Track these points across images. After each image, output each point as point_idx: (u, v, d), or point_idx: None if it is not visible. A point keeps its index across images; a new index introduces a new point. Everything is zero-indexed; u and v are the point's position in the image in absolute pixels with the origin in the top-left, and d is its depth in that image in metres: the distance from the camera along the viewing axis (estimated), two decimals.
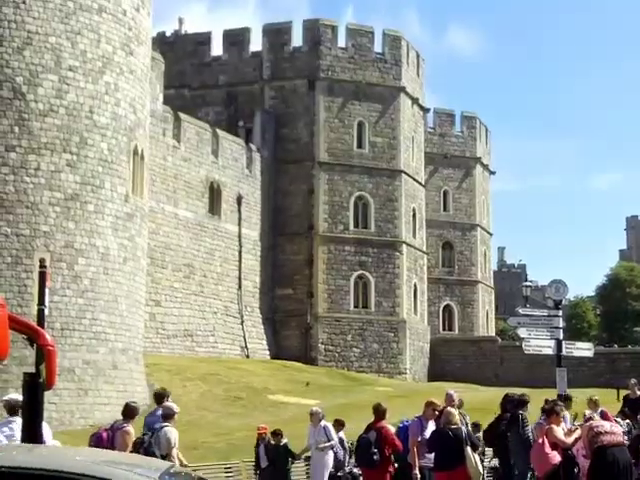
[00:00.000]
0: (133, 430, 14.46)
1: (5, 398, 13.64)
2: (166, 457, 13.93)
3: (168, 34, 64.94)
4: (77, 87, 36.00)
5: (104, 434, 14.37)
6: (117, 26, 37.72)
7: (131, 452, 13.74)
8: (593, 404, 20.26)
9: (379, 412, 16.46)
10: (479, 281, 76.82)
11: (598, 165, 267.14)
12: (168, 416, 14.97)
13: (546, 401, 18.38)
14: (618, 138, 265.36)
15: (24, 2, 35.10)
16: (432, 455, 14.90)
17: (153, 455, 13.70)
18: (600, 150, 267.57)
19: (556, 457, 14.03)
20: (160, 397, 16.34)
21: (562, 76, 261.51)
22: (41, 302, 13.87)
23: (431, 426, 15.64)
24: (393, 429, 16.82)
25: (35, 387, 8.48)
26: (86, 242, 35.85)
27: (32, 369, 8.75)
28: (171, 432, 14.64)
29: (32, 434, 8.64)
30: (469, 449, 14.32)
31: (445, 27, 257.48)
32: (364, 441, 16.32)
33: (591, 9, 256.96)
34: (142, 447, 14.43)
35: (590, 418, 14.61)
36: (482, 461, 15.97)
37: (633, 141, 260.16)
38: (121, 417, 14.72)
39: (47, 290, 13.78)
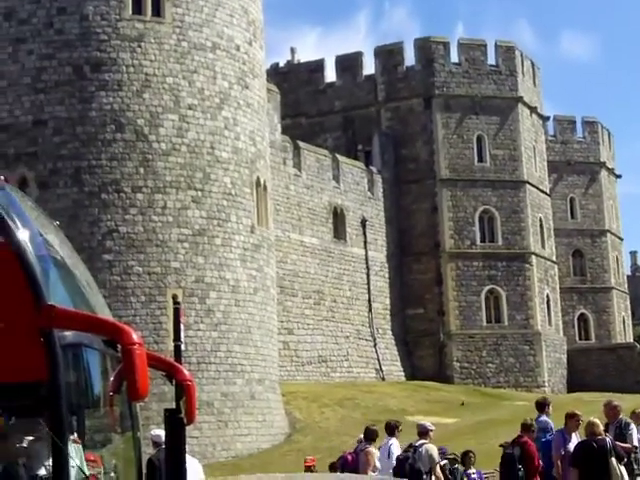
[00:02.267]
0: (375, 450, 15.32)
1: (151, 434, 13.89)
2: (429, 473, 14.20)
3: (282, 65, 65.65)
4: (197, 124, 36.64)
5: (349, 456, 15.11)
6: (231, 61, 38.31)
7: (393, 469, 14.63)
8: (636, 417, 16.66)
9: (525, 426, 16.19)
10: (613, 287, 75.27)
11: None
12: (423, 433, 15.42)
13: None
14: None
15: (140, 46, 35.95)
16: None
17: (418, 471, 14.43)
18: None
19: None
20: (541, 406, 17.36)
21: None
22: (177, 338, 14.10)
23: (574, 439, 15.29)
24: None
25: (177, 423, 8.58)
26: (216, 275, 36.35)
27: (172, 405, 8.87)
28: (432, 449, 15.10)
29: (177, 470, 8.75)
30: (614, 460, 13.94)
31: (558, 33, 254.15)
32: (508, 457, 16.07)
33: None
34: (407, 463, 14.93)
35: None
36: (634, 471, 15.44)
37: None
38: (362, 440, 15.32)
39: (182, 326, 14.00)
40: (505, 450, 16.56)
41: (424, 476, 14.72)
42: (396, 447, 16.67)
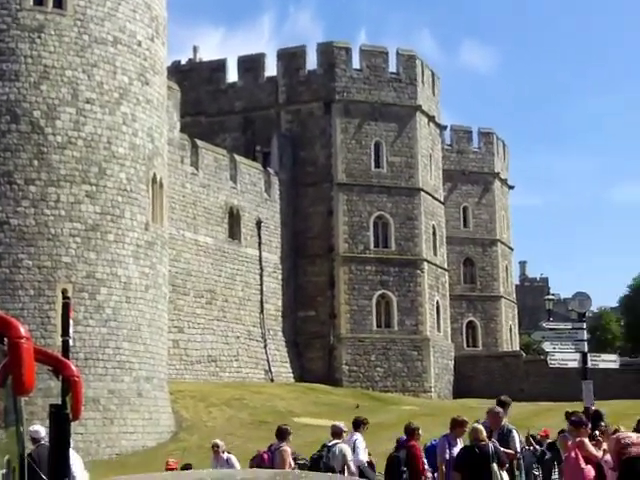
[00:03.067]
0: (289, 449, 15.86)
1: (30, 429, 13.75)
2: (342, 471, 15.26)
3: (183, 62, 65.34)
4: (94, 119, 36.30)
5: (265, 455, 15.94)
6: (132, 57, 38.03)
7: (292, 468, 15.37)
8: None
9: (409, 430, 16.48)
10: (501, 296, 76.68)
11: (619, 178, 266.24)
12: (337, 434, 16.36)
13: (567, 414, 18.31)
14: (638, 149, 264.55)
15: (39, 37, 35.50)
16: None
17: (332, 469, 15.22)
18: (621, 163, 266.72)
19: (591, 471, 13.97)
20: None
21: (580, 90, 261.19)
22: (65, 333, 14.02)
23: (459, 444, 15.59)
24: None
25: (62, 418, 8.55)
26: (108, 272, 36.05)
27: (58, 400, 8.82)
28: (346, 449, 15.88)
29: (60, 466, 8.71)
30: (495, 466, 14.24)
31: (459, 44, 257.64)
32: (394, 460, 16.34)
33: (609, 25, 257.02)
34: (321, 462, 15.91)
35: (617, 430, 14.55)
36: (515, 478, 15.80)
37: None
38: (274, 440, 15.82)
39: (71, 321, 13.92)
40: (392, 453, 16.85)
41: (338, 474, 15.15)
42: (361, 442, 17.30)
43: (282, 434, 16.15)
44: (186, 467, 19.20)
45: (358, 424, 17.48)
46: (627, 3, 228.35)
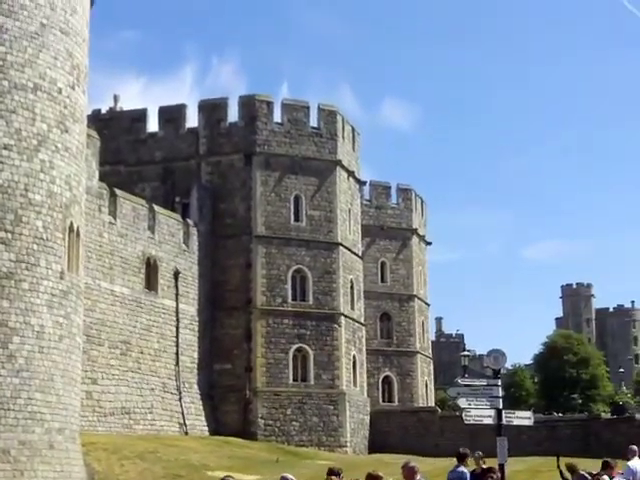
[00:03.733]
0: None
1: None
2: None
3: (104, 111, 65.05)
4: (12, 165, 35.81)
5: None
6: (52, 104, 37.70)
7: None
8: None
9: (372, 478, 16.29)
10: (418, 351, 77.12)
11: (533, 235, 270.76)
12: None
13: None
14: (553, 207, 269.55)
15: None
16: None
17: None
18: (535, 220, 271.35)
19: None
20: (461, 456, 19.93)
21: (498, 147, 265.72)
22: None
23: None
24: None
25: None
26: (21, 320, 35.39)
27: None
28: None
29: None
30: None
31: (379, 101, 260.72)
32: None
33: (527, 78, 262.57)
34: None
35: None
36: None
37: (568, 211, 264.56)
38: None
39: None
40: None
41: None
42: None
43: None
44: None
45: (336, 473, 17.03)
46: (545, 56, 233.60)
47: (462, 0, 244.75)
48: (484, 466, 20.55)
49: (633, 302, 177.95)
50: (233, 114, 62.65)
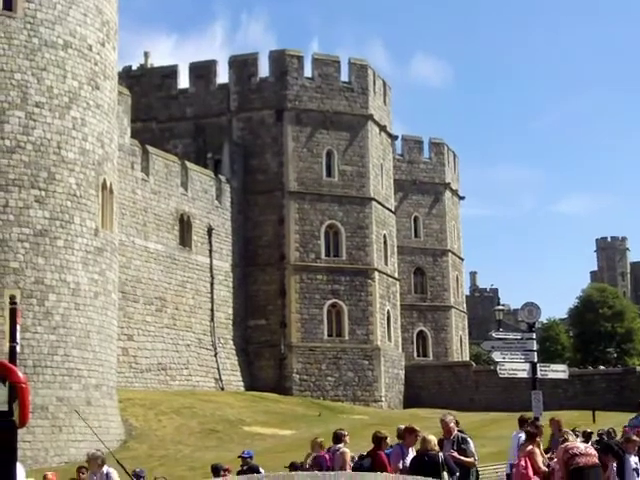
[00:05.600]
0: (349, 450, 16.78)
1: None
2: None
3: (134, 68, 64.92)
4: (44, 123, 35.89)
5: (326, 456, 16.64)
6: (83, 61, 37.67)
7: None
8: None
9: (377, 439, 16.31)
10: (452, 306, 76.94)
11: (566, 190, 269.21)
12: (340, 438, 16.89)
13: (522, 420, 18.31)
14: (585, 162, 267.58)
15: None
16: None
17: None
18: (568, 175, 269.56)
19: None
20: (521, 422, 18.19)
21: (531, 101, 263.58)
22: (12, 339, 13.71)
23: (412, 453, 15.51)
24: None
25: (8, 425, 8.37)
26: (56, 278, 35.63)
27: (4, 407, 8.64)
28: (347, 452, 16.59)
29: (7, 473, 8.52)
30: (446, 475, 14.23)
31: (411, 56, 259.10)
32: (357, 468, 16.21)
33: (560, 33, 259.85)
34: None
35: (565, 439, 14.52)
36: None
37: (600, 165, 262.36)
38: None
39: (18, 327, 13.64)
40: (356, 461, 16.75)
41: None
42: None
43: (338, 438, 16.78)
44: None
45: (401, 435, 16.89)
46: (575, 17, 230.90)
47: None
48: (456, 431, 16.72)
49: None
50: (263, 70, 62.36)
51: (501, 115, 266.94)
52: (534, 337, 23.23)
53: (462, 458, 15.01)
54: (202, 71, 63.00)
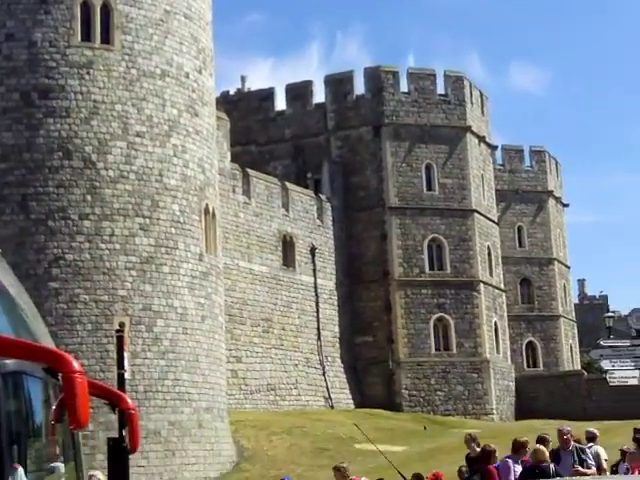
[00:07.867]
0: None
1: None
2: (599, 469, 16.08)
3: (232, 93, 65.70)
4: (145, 152, 36.54)
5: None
6: (181, 89, 38.28)
7: None
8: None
9: (485, 453, 16.08)
10: (560, 315, 75.87)
11: None
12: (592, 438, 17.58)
13: (635, 430, 18.00)
14: None
15: (88, 73, 35.84)
16: None
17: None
18: None
19: None
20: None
21: (631, 108, 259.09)
22: (120, 366, 13.99)
23: (519, 466, 15.35)
24: None
25: (120, 451, 8.52)
26: (164, 303, 36.16)
27: (116, 434, 8.81)
28: (601, 450, 16.90)
29: None
30: None
31: (507, 65, 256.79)
32: None
33: None
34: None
35: None
36: None
37: None
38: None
39: (126, 354, 13.93)
40: (465, 475, 16.60)
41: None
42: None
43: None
44: None
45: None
46: None
47: None
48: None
49: None
50: (359, 87, 62.52)
51: (604, 120, 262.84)
52: None
53: (587, 471, 14.85)
54: (298, 92, 63.44)
